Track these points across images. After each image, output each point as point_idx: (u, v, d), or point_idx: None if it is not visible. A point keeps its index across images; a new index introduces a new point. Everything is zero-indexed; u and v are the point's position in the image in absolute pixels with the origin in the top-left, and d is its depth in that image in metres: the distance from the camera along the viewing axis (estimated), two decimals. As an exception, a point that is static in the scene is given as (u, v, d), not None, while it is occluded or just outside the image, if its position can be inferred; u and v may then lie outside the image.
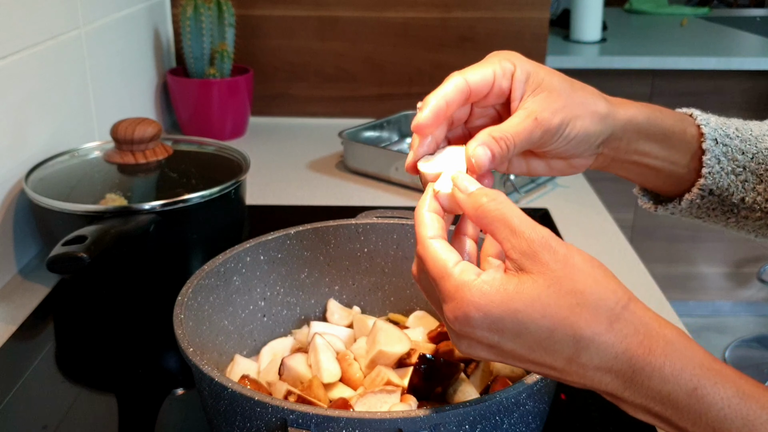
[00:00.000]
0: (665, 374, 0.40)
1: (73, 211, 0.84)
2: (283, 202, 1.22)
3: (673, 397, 0.40)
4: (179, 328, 0.57)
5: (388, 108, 1.61)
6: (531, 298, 0.40)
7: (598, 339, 0.40)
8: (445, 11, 1.59)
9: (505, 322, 0.41)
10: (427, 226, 0.47)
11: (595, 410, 0.70)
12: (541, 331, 0.40)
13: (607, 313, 0.40)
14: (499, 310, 0.41)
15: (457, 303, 0.42)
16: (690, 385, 0.39)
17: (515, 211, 0.43)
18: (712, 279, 2.60)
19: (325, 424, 0.48)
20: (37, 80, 1.00)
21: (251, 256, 0.70)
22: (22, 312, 0.87)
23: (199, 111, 1.48)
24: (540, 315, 0.40)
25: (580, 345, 0.40)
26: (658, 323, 0.41)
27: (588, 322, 0.40)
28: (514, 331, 0.41)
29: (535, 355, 0.41)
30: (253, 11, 1.58)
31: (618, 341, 0.40)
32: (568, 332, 0.40)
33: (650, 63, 2.25)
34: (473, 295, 0.41)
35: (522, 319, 0.40)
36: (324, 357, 0.64)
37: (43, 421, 0.68)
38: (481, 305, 0.41)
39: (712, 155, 0.59)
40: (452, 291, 0.42)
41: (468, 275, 0.42)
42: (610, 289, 0.41)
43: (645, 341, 0.40)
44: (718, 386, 0.39)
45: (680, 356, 0.40)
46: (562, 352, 0.41)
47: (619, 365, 0.40)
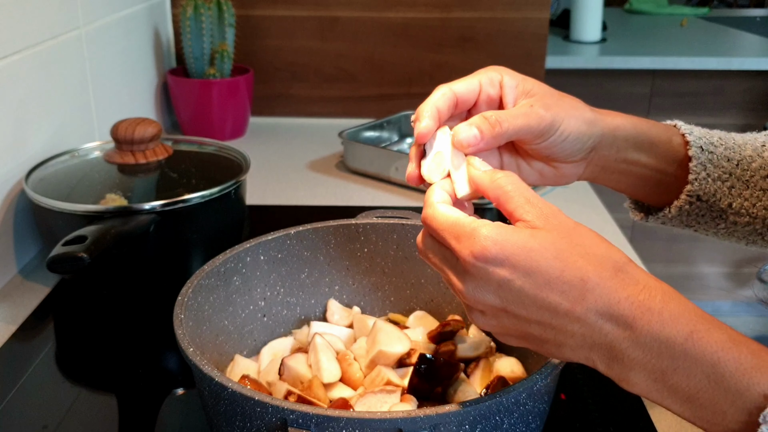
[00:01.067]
0: (664, 318, 0.42)
1: (73, 211, 0.84)
2: (283, 202, 1.22)
3: (670, 342, 0.41)
4: (179, 328, 0.57)
5: (388, 108, 1.61)
6: (545, 241, 0.43)
7: (603, 283, 0.43)
8: (445, 11, 1.59)
9: (519, 257, 0.43)
10: (435, 194, 0.49)
11: (595, 410, 0.70)
12: (552, 269, 0.43)
13: (612, 264, 0.44)
14: (514, 247, 0.43)
15: (474, 239, 0.44)
16: (687, 329, 0.41)
17: (528, 188, 0.47)
18: (712, 279, 2.60)
19: (325, 424, 0.48)
20: (37, 80, 1.00)
21: (251, 256, 0.70)
22: (23, 312, 0.87)
23: (200, 111, 1.48)
24: (552, 256, 0.43)
25: (587, 286, 0.43)
26: (656, 280, 0.44)
27: (595, 267, 0.43)
28: (527, 267, 0.43)
29: (543, 294, 0.43)
30: (253, 11, 1.58)
31: (621, 287, 0.43)
32: (576, 274, 0.43)
33: (650, 63, 2.25)
34: (491, 232, 0.44)
35: (535, 257, 0.43)
36: (324, 357, 0.64)
37: (43, 421, 0.68)
38: (498, 240, 0.43)
39: (698, 162, 0.61)
40: (468, 231, 0.45)
41: (483, 221, 0.45)
42: (614, 250, 0.45)
43: (645, 290, 0.43)
44: (712, 331, 0.42)
45: (677, 304, 0.43)
46: (569, 292, 0.43)
47: (621, 310, 0.42)
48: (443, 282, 0.74)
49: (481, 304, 0.46)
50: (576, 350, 0.45)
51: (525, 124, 0.53)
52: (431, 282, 0.75)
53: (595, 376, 0.74)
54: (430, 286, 0.76)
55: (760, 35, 2.64)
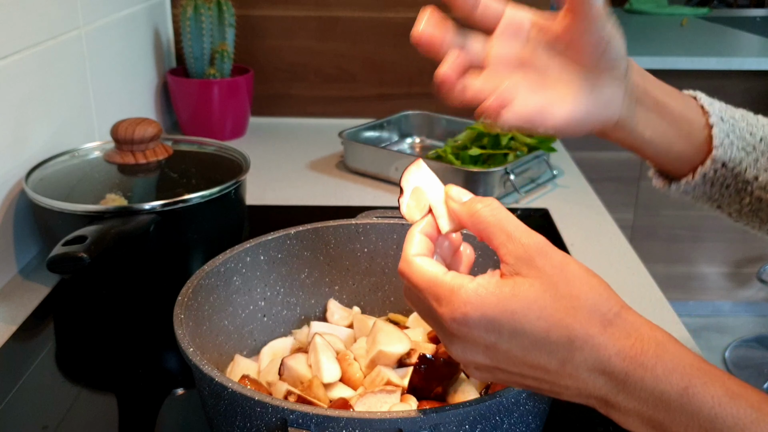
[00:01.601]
0: (657, 374, 0.41)
1: (73, 211, 0.84)
2: (283, 202, 1.22)
3: (665, 398, 0.40)
4: (179, 328, 0.57)
5: (388, 108, 1.61)
6: (527, 300, 0.41)
7: (592, 341, 0.41)
8: (445, 12, 1.58)
9: (502, 322, 0.41)
10: (414, 244, 0.46)
11: (595, 410, 0.70)
12: (537, 331, 0.41)
13: (601, 317, 0.42)
14: (497, 310, 0.41)
15: (455, 304, 0.42)
16: (681, 384, 0.40)
17: (510, 218, 0.44)
18: (712, 279, 2.60)
19: (325, 424, 0.48)
20: (37, 80, 1.00)
21: (251, 256, 0.70)
22: (23, 312, 0.87)
23: (200, 111, 1.48)
24: (536, 316, 0.41)
25: (575, 345, 0.41)
26: (649, 327, 0.42)
27: (582, 325, 0.41)
28: (511, 331, 0.42)
29: (531, 356, 0.42)
30: (253, 11, 1.58)
31: (611, 343, 0.41)
32: (563, 333, 0.41)
33: (650, 63, 2.25)
34: (470, 296, 0.42)
35: (519, 320, 0.41)
36: (324, 357, 0.64)
37: (44, 422, 0.68)
38: (478, 305, 0.42)
39: (720, 129, 0.60)
40: (447, 294, 0.43)
41: (461, 279, 0.43)
42: (604, 297, 0.42)
43: (637, 344, 0.41)
44: (708, 385, 0.40)
45: (671, 357, 0.41)
46: (557, 352, 0.42)
47: (612, 366, 0.41)
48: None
49: (472, 363, 0.45)
50: (573, 398, 0.44)
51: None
52: (431, 282, 0.75)
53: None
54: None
55: (760, 35, 2.64)
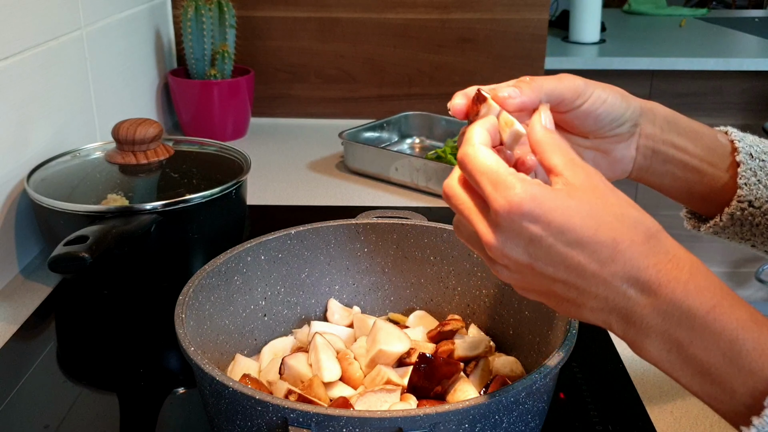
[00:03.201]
0: (689, 288, 0.42)
1: (74, 211, 0.84)
2: (284, 202, 1.22)
3: (691, 314, 0.42)
4: (180, 327, 0.57)
5: (389, 109, 1.61)
6: (581, 200, 0.43)
7: (634, 247, 0.42)
8: (445, 12, 1.59)
9: (554, 215, 0.42)
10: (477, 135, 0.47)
11: (594, 410, 0.70)
12: (586, 228, 0.42)
13: (645, 230, 0.43)
14: (551, 204, 0.43)
15: (512, 191, 0.43)
16: (710, 303, 0.42)
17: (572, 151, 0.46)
18: (712, 279, 2.60)
19: (325, 423, 0.48)
20: (38, 81, 1.00)
21: (252, 256, 0.71)
22: (24, 312, 0.87)
23: (200, 112, 1.48)
24: (587, 214, 0.43)
25: (618, 248, 0.42)
26: (686, 251, 0.44)
27: (629, 230, 0.43)
28: (561, 224, 0.42)
29: (573, 253, 0.43)
30: (254, 12, 1.58)
31: (651, 253, 0.43)
32: (610, 234, 0.42)
33: (649, 64, 2.25)
34: (531, 186, 0.43)
35: (571, 215, 0.42)
36: (324, 356, 0.64)
37: (45, 421, 0.68)
38: (536, 196, 0.43)
39: (747, 167, 0.59)
40: (506, 181, 0.43)
41: (520, 174, 0.44)
42: (648, 217, 0.44)
43: (674, 259, 0.43)
44: (735, 308, 0.42)
45: (704, 277, 0.43)
46: (599, 252, 0.42)
47: (648, 276, 0.42)
48: (443, 282, 0.75)
49: (507, 258, 0.45)
50: (595, 312, 0.45)
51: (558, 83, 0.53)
52: (431, 282, 0.76)
53: (595, 376, 0.75)
54: (430, 286, 0.76)
55: (759, 36, 2.64)
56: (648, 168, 0.60)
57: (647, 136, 0.59)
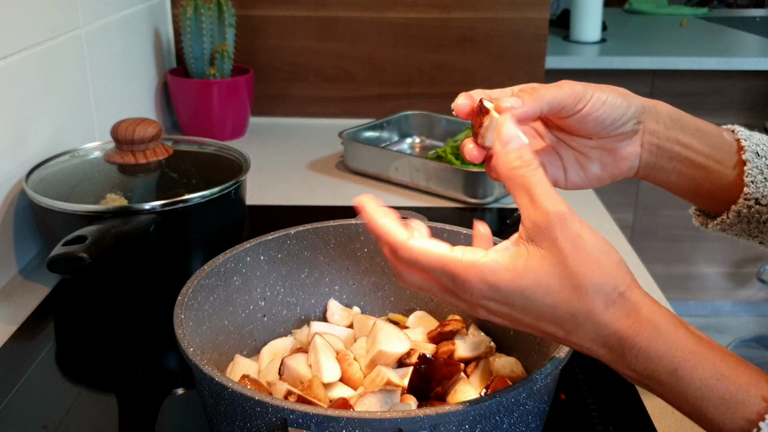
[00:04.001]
0: (650, 355, 0.44)
1: (73, 211, 0.84)
2: (283, 202, 1.22)
3: (656, 375, 0.44)
4: (179, 327, 0.57)
5: (388, 108, 1.61)
6: (537, 277, 0.45)
7: (593, 318, 0.45)
8: (445, 12, 1.59)
9: (514, 298, 0.45)
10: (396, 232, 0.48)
11: (595, 410, 0.70)
12: (545, 307, 0.45)
13: (604, 297, 0.45)
14: (509, 288, 0.45)
15: (471, 281, 0.45)
16: (670, 367, 0.44)
17: (541, 182, 0.46)
18: (712, 279, 2.60)
19: (325, 423, 0.48)
20: (37, 80, 1.00)
21: (251, 256, 0.70)
22: (23, 312, 0.87)
23: (200, 111, 1.48)
24: (544, 294, 0.45)
25: (578, 321, 0.45)
26: (650, 309, 0.45)
27: (585, 303, 0.45)
28: (522, 306, 0.46)
29: (541, 324, 0.46)
30: (253, 11, 1.58)
31: (611, 322, 0.45)
32: (568, 309, 0.45)
33: (650, 63, 2.25)
34: (484, 273, 0.45)
35: (529, 296, 0.45)
36: (324, 357, 0.64)
37: (44, 421, 0.68)
38: (493, 283, 0.45)
39: (753, 165, 0.59)
40: (462, 271, 0.45)
41: (474, 255, 0.46)
42: (612, 276, 0.45)
43: (634, 325, 0.45)
44: (697, 368, 0.44)
45: (664, 340, 0.44)
46: (563, 324, 0.46)
47: (611, 342, 0.45)
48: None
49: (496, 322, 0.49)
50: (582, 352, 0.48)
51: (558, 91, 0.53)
52: (431, 282, 0.75)
53: (595, 376, 0.74)
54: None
55: (760, 35, 2.64)
56: (654, 165, 0.60)
57: (651, 132, 0.59)
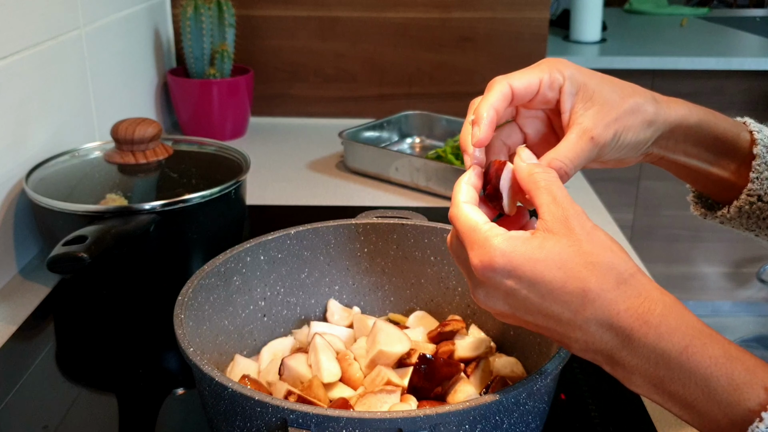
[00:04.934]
0: (661, 332, 0.43)
1: (73, 211, 0.84)
2: (283, 202, 1.22)
3: (666, 355, 0.43)
4: (179, 327, 0.57)
5: (388, 108, 1.61)
6: (551, 252, 0.45)
7: (604, 295, 0.44)
8: (445, 11, 1.59)
9: (524, 269, 0.45)
10: (462, 192, 0.50)
11: (595, 410, 0.70)
12: (555, 281, 0.44)
13: (616, 275, 0.45)
14: (521, 258, 0.45)
15: (485, 249, 0.46)
16: (682, 344, 0.43)
17: (560, 187, 0.48)
18: (712, 279, 2.60)
19: (325, 423, 0.48)
20: (37, 80, 1.00)
21: (251, 256, 0.70)
22: (23, 312, 0.87)
23: (200, 111, 1.48)
24: (556, 267, 0.44)
25: (588, 298, 0.44)
26: (660, 291, 0.45)
27: (598, 279, 0.44)
28: (531, 278, 0.45)
29: (546, 303, 0.45)
30: (253, 11, 1.58)
31: (622, 300, 0.44)
32: (578, 285, 0.44)
33: (650, 63, 2.25)
34: (500, 243, 0.46)
35: (540, 268, 0.45)
36: (324, 357, 0.64)
37: (44, 421, 0.68)
38: (506, 252, 0.45)
39: (762, 161, 0.59)
40: (481, 240, 0.47)
41: (497, 230, 0.47)
42: (623, 259, 0.45)
43: (645, 303, 0.44)
44: (707, 346, 0.43)
45: (675, 318, 0.44)
46: (570, 302, 0.45)
47: (620, 322, 0.44)
48: (443, 282, 0.75)
49: (492, 309, 0.49)
50: (581, 352, 0.47)
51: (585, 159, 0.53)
52: (431, 282, 0.75)
53: (595, 376, 0.74)
54: (430, 286, 0.76)
55: (760, 35, 2.64)
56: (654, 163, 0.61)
57: (659, 147, 0.58)
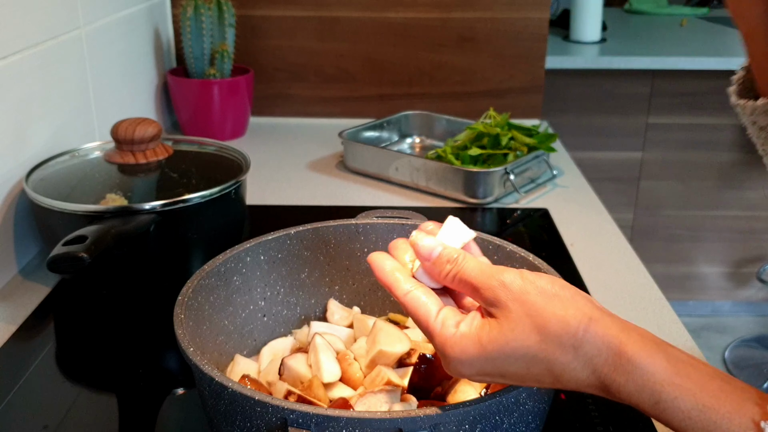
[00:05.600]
0: (630, 390, 0.44)
1: (73, 211, 0.84)
2: (283, 202, 1.22)
3: (642, 407, 0.44)
4: (179, 327, 0.57)
5: (388, 108, 1.61)
6: (500, 343, 0.46)
7: (568, 368, 0.45)
8: (445, 11, 1.59)
9: (487, 368, 0.47)
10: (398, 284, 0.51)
11: (595, 410, 0.70)
12: (519, 369, 0.46)
13: (571, 340, 0.44)
14: (480, 360, 0.46)
15: (446, 358, 0.48)
16: (652, 400, 0.43)
17: (474, 269, 0.49)
18: (712, 279, 2.60)
19: (325, 423, 0.48)
20: (37, 80, 1.00)
21: (251, 256, 0.70)
22: (23, 312, 0.87)
23: (200, 111, 1.48)
24: (513, 358, 0.46)
25: (555, 373, 0.45)
26: (619, 340, 0.44)
27: (556, 355, 0.45)
28: (498, 372, 0.47)
29: (526, 382, 0.47)
30: (253, 11, 1.58)
31: (586, 364, 0.44)
32: (541, 366, 0.45)
33: (650, 63, 2.25)
34: (455, 352, 0.47)
35: (500, 363, 0.46)
36: (324, 357, 0.64)
37: (44, 421, 0.68)
38: (464, 360, 0.47)
39: None
40: (439, 347, 0.48)
41: (448, 330, 0.48)
42: (570, 315, 0.45)
43: (608, 360, 0.44)
44: (678, 401, 0.42)
45: (641, 374, 0.43)
46: (543, 379, 0.46)
47: (593, 382, 0.45)
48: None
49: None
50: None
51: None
52: (431, 282, 0.75)
53: (595, 376, 0.74)
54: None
55: (760, 35, 2.63)
56: None
57: None
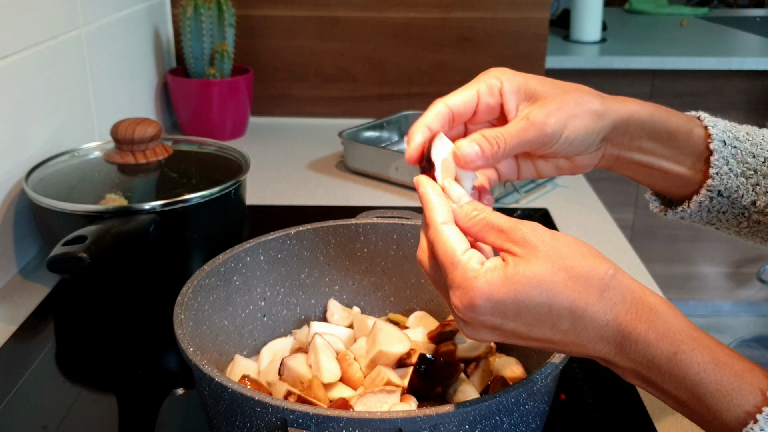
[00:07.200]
0: (649, 339, 0.43)
1: (73, 211, 0.84)
2: (283, 202, 1.22)
3: (656, 362, 0.43)
4: (179, 328, 0.57)
5: (388, 108, 1.61)
6: (527, 276, 0.44)
7: (590, 309, 0.43)
8: (445, 11, 1.59)
9: (507, 305, 0.44)
10: (438, 211, 0.49)
11: (595, 410, 0.70)
12: (540, 306, 0.44)
13: (598, 283, 0.44)
14: (501, 293, 0.44)
15: (465, 291, 0.45)
16: (671, 350, 0.43)
17: (501, 216, 0.47)
18: (712, 279, 2.60)
19: (325, 424, 0.48)
20: (37, 80, 1.00)
21: (251, 256, 0.70)
22: (23, 312, 0.87)
23: (199, 111, 1.48)
24: (537, 291, 0.43)
25: (575, 315, 0.44)
26: (643, 292, 0.45)
27: (581, 294, 0.43)
28: (515, 311, 0.44)
29: (535, 330, 0.45)
30: (253, 11, 1.58)
31: (608, 309, 0.44)
32: (564, 304, 0.43)
33: (650, 63, 2.25)
34: (479, 283, 0.44)
35: (521, 298, 0.44)
36: (324, 357, 0.64)
37: (44, 421, 0.68)
38: (486, 292, 0.44)
39: (720, 156, 0.59)
40: (460, 280, 0.45)
41: (474, 264, 0.45)
42: (597, 262, 0.45)
43: (632, 308, 0.44)
44: (696, 352, 0.43)
45: (663, 323, 0.43)
46: (560, 324, 0.44)
47: (610, 332, 0.44)
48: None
49: (480, 340, 0.48)
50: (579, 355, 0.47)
51: (524, 141, 0.52)
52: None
53: (595, 376, 0.74)
54: (430, 286, 0.75)
55: (760, 35, 2.64)
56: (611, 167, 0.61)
57: (614, 144, 0.58)
